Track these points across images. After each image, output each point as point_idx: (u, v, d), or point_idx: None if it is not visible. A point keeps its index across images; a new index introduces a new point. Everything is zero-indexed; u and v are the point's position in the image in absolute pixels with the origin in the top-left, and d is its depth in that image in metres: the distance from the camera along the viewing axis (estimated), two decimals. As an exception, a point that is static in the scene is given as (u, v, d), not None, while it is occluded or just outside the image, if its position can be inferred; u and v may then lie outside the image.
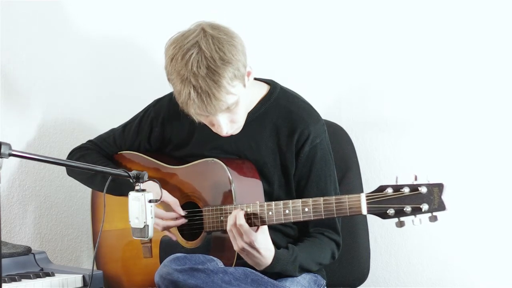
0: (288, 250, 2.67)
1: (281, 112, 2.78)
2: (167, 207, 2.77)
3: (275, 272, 2.65)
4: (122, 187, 2.71)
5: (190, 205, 2.78)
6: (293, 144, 2.76)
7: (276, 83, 2.84)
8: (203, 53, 2.55)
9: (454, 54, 3.14)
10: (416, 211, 2.40)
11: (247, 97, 2.68)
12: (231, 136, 2.75)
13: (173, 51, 2.59)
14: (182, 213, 2.76)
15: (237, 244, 2.59)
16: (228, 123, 2.65)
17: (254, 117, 2.77)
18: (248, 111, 2.75)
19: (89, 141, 2.99)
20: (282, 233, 2.77)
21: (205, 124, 2.74)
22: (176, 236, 2.79)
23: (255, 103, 2.79)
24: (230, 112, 2.62)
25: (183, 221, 2.76)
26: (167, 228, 2.77)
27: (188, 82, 2.55)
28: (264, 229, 2.61)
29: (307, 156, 2.76)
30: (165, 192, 2.75)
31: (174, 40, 2.62)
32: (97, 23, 3.31)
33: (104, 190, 2.54)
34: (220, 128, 2.64)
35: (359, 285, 3.08)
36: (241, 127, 2.71)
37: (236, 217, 2.58)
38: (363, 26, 3.25)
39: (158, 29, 3.24)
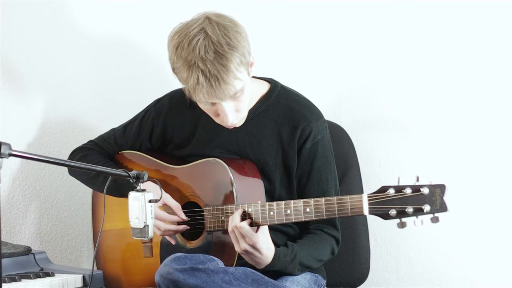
0: (287, 248, 2.67)
1: (282, 109, 2.78)
2: (169, 210, 2.77)
3: (275, 270, 2.65)
4: (122, 189, 2.71)
5: (191, 205, 2.78)
6: (295, 141, 2.76)
7: (276, 81, 2.84)
8: (210, 38, 2.55)
9: (455, 55, 3.15)
10: (418, 212, 2.40)
11: (250, 88, 2.68)
12: (233, 134, 2.75)
13: (178, 40, 2.59)
14: (184, 217, 2.75)
15: (240, 246, 2.58)
16: (234, 112, 2.64)
17: (255, 114, 2.77)
18: (250, 107, 2.75)
19: (90, 141, 2.98)
20: (282, 233, 2.77)
21: (206, 123, 2.74)
22: (176, 236, 2.79)
23: (255, 101, 2.79)
24: (235, 100, 2.62)
25: (184, 227, 2.76)
26: (167, 233, 2.77)
27: (196, 67, 2.55)
28: (264, 228, 2.61)
29: (309, 153, 2.76)
30: (167, 196, 2.76)
31: (178, 29, 2.62)
32: (97, 23, 3.31)
33: (104, 191, 2.54)
34: (225, 117, 2.64)
35: (359, 285, 3.09)
36: (244, 119, 2.71)
37: (233, 218, 2.58)
38: (363, 27, 3.25)
39: (159, 29, 3.22)
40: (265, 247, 2.59)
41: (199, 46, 2.55)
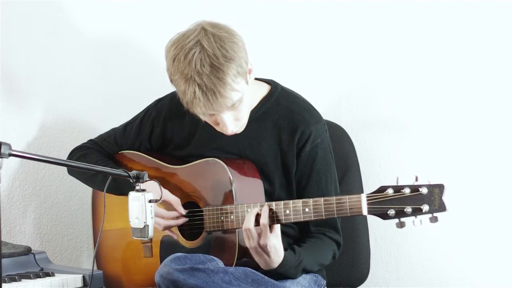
0: (295, 254, 2.66)
1: (282, 111, 2.78)
2: (168, 206, 2.78)
3: (277, 273, 2.65)
4: (122, 187, 2.71)
5: (191, 205, 2.78)
6: (294, 143, 2.76)
7: (276, 83, 2.84)
8: (205, 51, 2.55)
9: (455, 55, 3.14)
10: (417, 211, 2.40)
11: (250, 95, 2.68)
12: (233, 136, 2.75)
13: (175, 52, 2.59)
14: (183, 212, 2.76)
15: (250, 243, 2.58)
16: (233, 121, 2.65)
17: (255, 117, 2.77)
18: (250, 109, 2.75)
19: (90, 140, 2.99)
20: (282, 233, 2.75)
21: (206, 124, 2.74)
22: (176, 236, 2.79)
23: (256, 103, 2.79)
24: (234, 109, 2.62)
25: (184, 220, 2.76)
26: (168, 228, 2.77)
27: (192, 81, 2.55)
28: (277, 233, 2.60)
29: (308, 155, 2.76)
30: (166, 191, 2.75)
31: (174, 41, 2.61)
32: (97, 23, 3.31)
33: (104, 190, 2.54)
34: (225, 126, 2.64)
35: (359, 285, 3.09)
36: (245, 125, 2.71)
37: (262, 216, 2.56)
38: (363, 27, 3.25)
39: (158, 29, 3.24)
40: (274, 251, 2.59)
41: (195, 60, 2.54)
